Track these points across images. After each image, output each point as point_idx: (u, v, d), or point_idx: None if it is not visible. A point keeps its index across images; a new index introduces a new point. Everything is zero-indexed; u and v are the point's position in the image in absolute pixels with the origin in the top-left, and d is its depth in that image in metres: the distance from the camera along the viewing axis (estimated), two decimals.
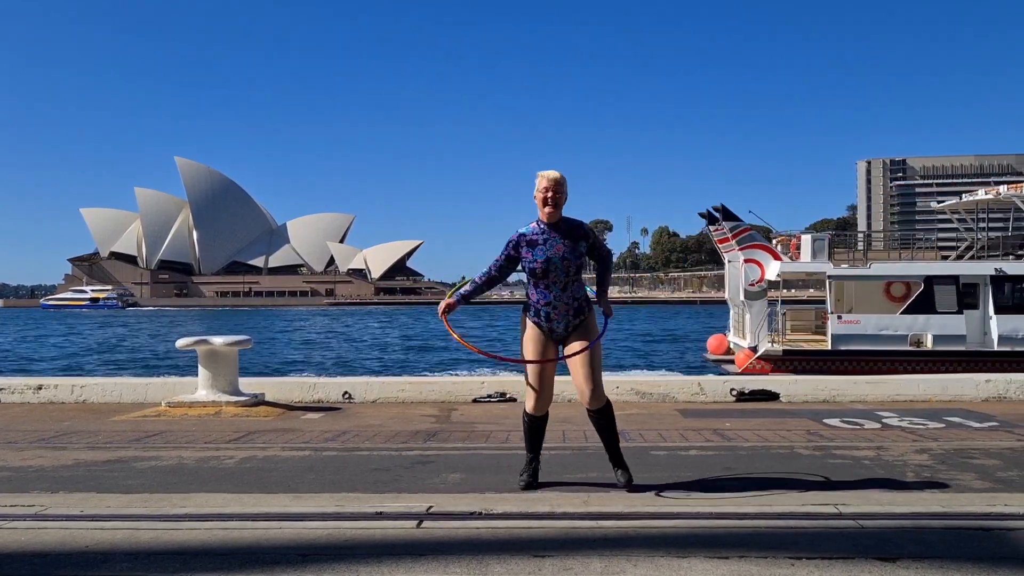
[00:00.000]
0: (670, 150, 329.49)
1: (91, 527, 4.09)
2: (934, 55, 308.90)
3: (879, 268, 23.14)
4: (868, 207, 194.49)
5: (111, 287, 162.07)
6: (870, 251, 26.66)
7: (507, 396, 9.37)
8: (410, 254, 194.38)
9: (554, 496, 4.72)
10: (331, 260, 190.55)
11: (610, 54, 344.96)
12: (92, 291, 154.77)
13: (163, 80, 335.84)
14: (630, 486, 4.82)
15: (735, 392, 9.48)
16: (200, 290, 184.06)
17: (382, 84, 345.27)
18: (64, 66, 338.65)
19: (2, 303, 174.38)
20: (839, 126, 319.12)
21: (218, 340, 8.85)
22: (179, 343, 9.09)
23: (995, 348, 21.54)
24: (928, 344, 21.57)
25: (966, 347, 21.51)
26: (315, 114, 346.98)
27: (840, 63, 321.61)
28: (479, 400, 9.37)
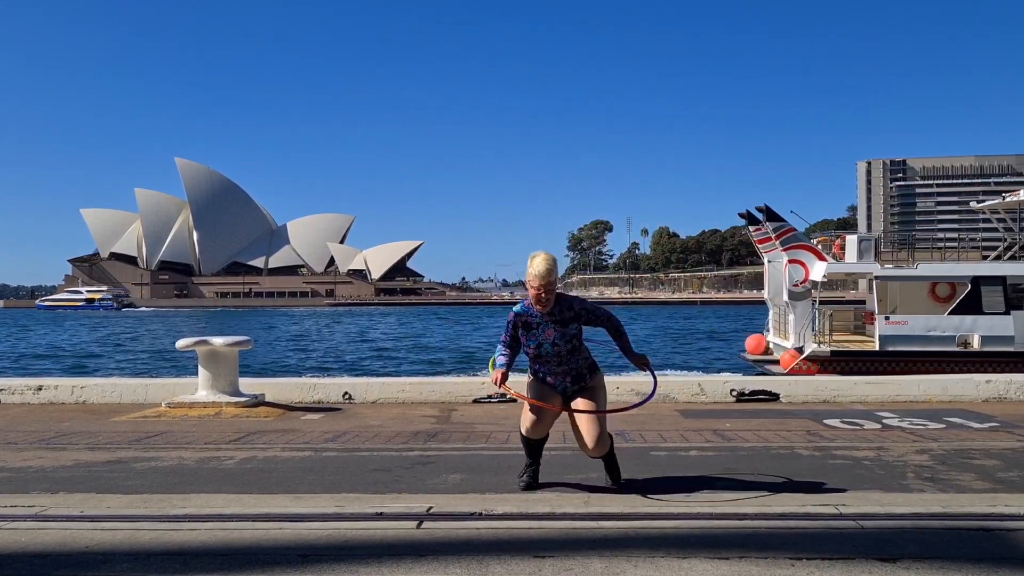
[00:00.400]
0: (670, 150, 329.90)
1: (91, 528, 4.08)
2: (934, 55, 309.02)
3: (926, 268, 22.88)
4: (868, 208, 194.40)
5: (106, 288, 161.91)
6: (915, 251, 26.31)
7: (507, 397, 9.36)
8: (410, 255, 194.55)
9: (554, 497, 4.72)
10: (331, 261, 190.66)
11: (610, 54, 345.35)
12: (88, 292, 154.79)
13: (163, 80, 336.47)
14: (618, 485, 4.94)
15: (735, 393, 9.48)
16: (200, 291, 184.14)
17: (382, 84, 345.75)
18: (64, 66, 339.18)
19: (2, 304, 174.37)
20: (839, 126, 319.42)
21: (218, 341, 8.85)
22: (179, 343, 9.08)
23: None
24: (975, 345, 21.43)
25: (1014, 347, 21.37)
26: (315, 114, 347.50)
27: (840, 63, 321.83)
28: (479, 401, 9.37)
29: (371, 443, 6.73)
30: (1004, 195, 27.33)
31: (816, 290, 24.02)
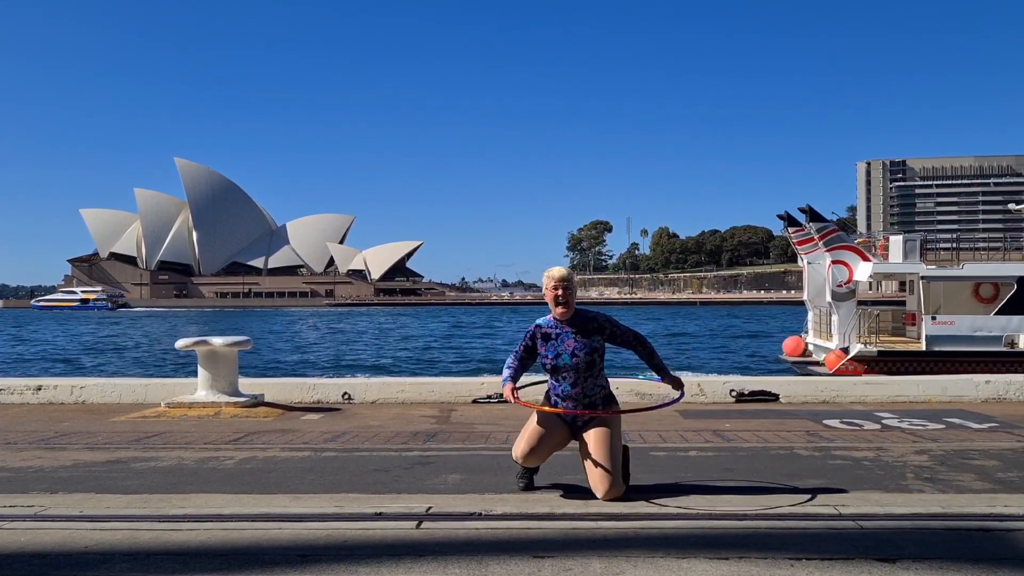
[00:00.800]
0: (670, 151, 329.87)
1: (90, 528, 4.08)
2: (934, 55, 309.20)
3: (971, 269, 22.95)
4: (868, 208, 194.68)
5: (100, 288, 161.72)
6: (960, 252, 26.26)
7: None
8: (410, 255, 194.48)
9: (554, 497, 4.72)
10: (331, 261, 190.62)
11: (610, 54, 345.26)
12: (82, 292, 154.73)
13: (163, 80, 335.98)
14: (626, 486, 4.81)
15: (734, 393, 9.48)
16: (200, 291, 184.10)
17: (382, 84, 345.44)
18: (64, 66, 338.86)
19: (1, 304, 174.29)
20: (839, 126, 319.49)
21: (218, 341, 8.85)
22: (179, 343, 9.08)
23: None
24: (1022, 345, 21.54)
25: None
26: (315, 114, 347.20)
27: (840, 63, 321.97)
28: (479, 401, 9.37)
29: (370, 443, 6.73)
30: None
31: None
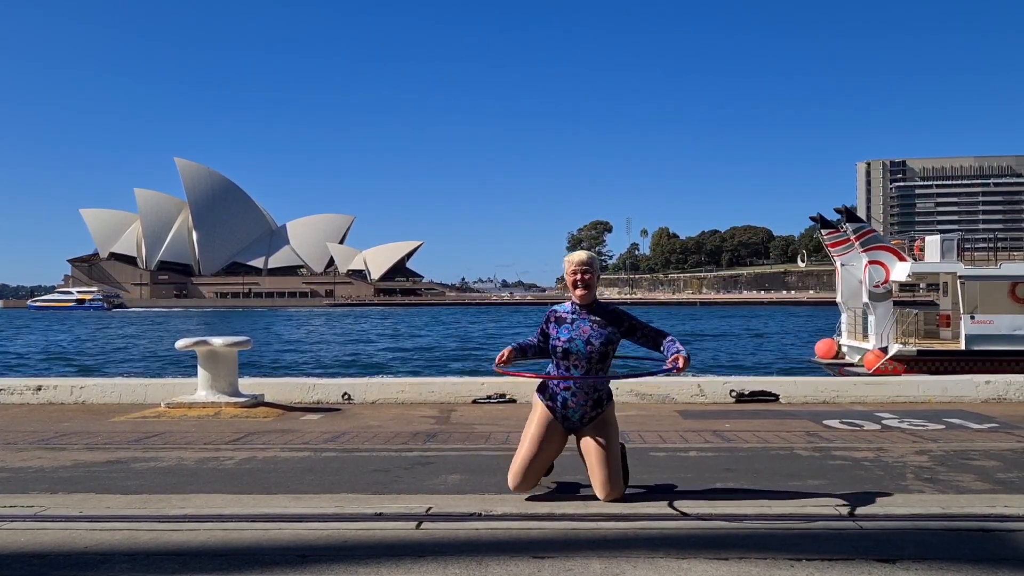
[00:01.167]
0: (670, 151, 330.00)
1: (90, 528, 4.08)
2: (934, 55, 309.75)
3: (1009, 268, 22.83)
4: (868, 208, 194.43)
5: (97, 288, 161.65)
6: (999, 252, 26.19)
7: (507, 397, 9.37)
8: (410, 255, 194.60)
9: (554, 497, 4.72)
10: (331, 261, 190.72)
11: (610, 55, 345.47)
12: (78, 292, 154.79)
13: (163, 80, 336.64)
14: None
15: (734, 393, 9.48)
16: (200, 291, 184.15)
17: (382, 84, 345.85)
18: (64, 66, 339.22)
19: (1, 304, 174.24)
20: (839, 126, 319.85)
21: (218, 341, 8.85)
22: (179, 343, 9.08)
23: None
24: None
25: None
26: (315, 114, 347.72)
27: (840, 63, 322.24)
28: (479, 401, 9.37)
29: (370, 443, 6.73)
30: None
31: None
